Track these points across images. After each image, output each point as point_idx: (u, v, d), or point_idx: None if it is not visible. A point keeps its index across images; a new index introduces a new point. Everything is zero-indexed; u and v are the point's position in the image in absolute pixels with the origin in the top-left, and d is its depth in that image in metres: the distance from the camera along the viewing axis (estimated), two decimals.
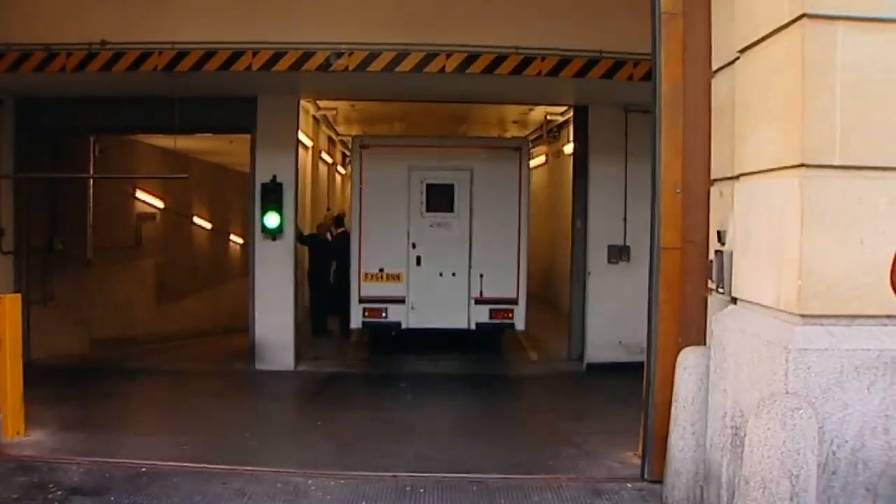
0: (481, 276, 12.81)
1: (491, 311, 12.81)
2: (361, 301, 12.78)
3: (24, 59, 9.19)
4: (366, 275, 12.84)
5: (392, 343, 13.52)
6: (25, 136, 11.53)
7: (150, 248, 17.69)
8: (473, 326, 12.77)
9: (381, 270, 12.84)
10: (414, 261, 12.82)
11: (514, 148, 13.40)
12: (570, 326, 12.50)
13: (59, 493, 5.82)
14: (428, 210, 12.93)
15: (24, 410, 7.19)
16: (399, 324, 12.84)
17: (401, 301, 12.80)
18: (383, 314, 12.84)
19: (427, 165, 12.96)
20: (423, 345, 13.12)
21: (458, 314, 12.75)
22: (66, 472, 6.26)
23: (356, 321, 12.79)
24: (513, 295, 12.73)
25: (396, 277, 12.86)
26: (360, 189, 12.97)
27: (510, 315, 12.79)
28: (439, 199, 12.94)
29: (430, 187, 12.97)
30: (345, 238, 13.87)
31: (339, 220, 15.59)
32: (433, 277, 12.82)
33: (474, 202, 12.85)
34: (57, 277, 12.58)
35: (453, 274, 12.85)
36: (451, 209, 12.93)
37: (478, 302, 12.76)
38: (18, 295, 7.62)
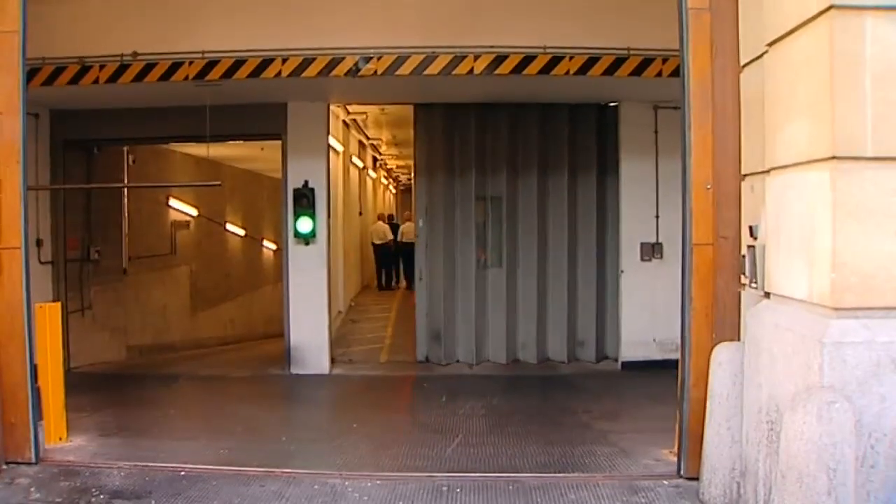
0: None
1: None
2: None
3: (59, 73, 9.34)
4: None
5: None
6: (60, 148, 11.69)
7: (185, 256, 17.87)
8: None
9: None
10: None
11: None
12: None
13: (102, 496, 5.90)
14: None
15: (65, 417, 7.29)
16: None
17: None
18: None
19: None
20: None
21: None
22: (108, 476, 6.34)
23: None
24: None
25: None
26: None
27: None
28: None
29: None
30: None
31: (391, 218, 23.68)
32: None
33: None
34: (93, 286, 12.77)
35: None
36: None
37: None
38: (58, 304, 7.76)
